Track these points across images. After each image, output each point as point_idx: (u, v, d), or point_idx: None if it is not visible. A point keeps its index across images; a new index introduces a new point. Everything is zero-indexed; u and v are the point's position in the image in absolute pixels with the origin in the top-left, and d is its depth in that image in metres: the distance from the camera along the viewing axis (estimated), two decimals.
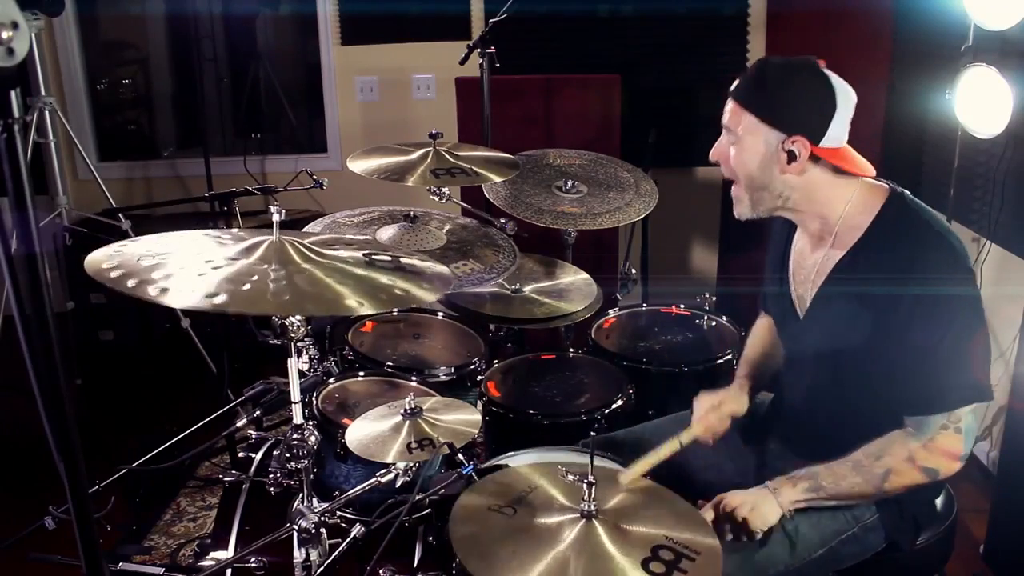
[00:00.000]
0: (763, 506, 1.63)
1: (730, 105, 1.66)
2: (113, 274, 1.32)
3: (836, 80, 1.59)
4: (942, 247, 1.57)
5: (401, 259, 1.58)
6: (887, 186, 1.67)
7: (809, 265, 1.75)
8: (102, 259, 1.38)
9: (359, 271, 1.46)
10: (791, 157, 1.61)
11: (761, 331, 2.04)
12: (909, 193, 1.66)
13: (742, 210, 1.72)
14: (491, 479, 1.49)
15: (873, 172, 1.65)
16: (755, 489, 1.66)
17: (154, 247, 1.45)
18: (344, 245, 1.59)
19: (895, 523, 1.72)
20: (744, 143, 1.64)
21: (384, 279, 1.46)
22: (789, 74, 1.61)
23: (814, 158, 1.61)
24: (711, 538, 1.34)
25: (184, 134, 4.93)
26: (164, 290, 1.28)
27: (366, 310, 1.39)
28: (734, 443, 1.90)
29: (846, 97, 1.59)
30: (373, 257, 1.53)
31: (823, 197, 1.66)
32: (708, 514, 1.64)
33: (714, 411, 1.85)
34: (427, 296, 1.47)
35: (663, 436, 1.96)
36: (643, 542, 1.30)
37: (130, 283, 1.30)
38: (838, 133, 1.60)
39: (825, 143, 1.60)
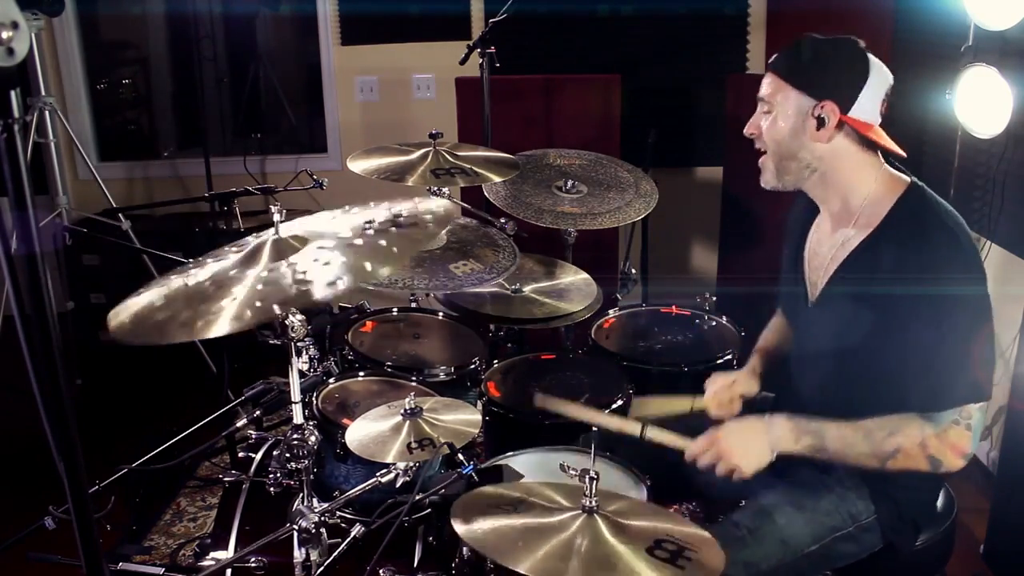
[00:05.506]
0: (755, 455, 1.65)
1: (768, 78, 1.71)
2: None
3: (873, 57, 1.64)
4: (953, 244, 1.58)
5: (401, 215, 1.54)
6: (908, 178, 1.69)
7: (825, 251, 1.76)
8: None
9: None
10: (820, 123, 1.64)
11: (777, 325, 2.07)
12: (928, 189, 1.67)
13: (767, 178, 1.76)
14: (485, 490, 1.47)
15: (903, 154, 1.68)
16: (753, 427, 1.68)
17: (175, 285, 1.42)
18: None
19: (893, 524, 1.71)
20: (778, 111, 1.68)
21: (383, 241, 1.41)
22: (824, 44, 1.67)
23: (842, 127, 1.64)
24: (707, 534, 1.35)
25: (184, 134, 4.92)
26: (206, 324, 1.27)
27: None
28: None
29: (880, 74, 1.64)
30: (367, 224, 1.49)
31: (847, 171, 1.68)
32: (700, 444, 1.68)
33: (726, 390, 1.90)
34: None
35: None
36: (645, 535, 1.30)
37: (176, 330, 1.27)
38: (869, 108, 1.63)
39: (854, 114, 1.63)
